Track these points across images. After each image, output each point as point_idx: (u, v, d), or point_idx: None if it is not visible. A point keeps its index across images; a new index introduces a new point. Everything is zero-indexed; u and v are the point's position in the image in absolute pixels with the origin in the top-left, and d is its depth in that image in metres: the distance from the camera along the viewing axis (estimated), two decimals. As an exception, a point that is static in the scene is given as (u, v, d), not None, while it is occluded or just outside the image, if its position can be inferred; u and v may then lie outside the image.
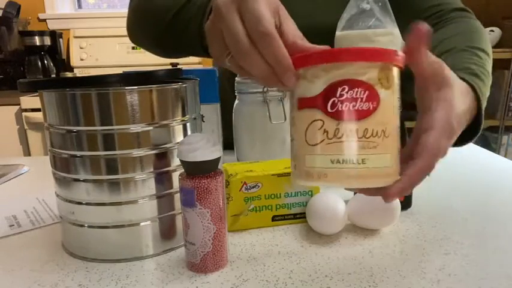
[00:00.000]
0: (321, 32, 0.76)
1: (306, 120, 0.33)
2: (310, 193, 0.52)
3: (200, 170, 0.40)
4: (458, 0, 0.75)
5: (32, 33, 2.13)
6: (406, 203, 0.55)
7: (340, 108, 0.32)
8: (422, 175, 0.36)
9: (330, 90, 0.32)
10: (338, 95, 0.32)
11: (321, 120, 0.33)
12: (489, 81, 0.53)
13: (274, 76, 0.35)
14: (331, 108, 0.32)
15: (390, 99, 0.33)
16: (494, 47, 2.12)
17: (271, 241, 0.48)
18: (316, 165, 0.33)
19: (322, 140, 0.33)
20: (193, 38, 0.59)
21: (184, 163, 0.40)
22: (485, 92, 0.50)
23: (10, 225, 0.55)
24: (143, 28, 0.70)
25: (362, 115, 0.32)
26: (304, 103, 0.34)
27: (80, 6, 2.44)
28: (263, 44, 0.34)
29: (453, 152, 0.86)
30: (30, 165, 0.83)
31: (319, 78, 0.33)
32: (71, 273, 0.43)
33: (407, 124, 0.53)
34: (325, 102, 0.32)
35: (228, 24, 0.35)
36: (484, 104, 0.47)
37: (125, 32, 0.72)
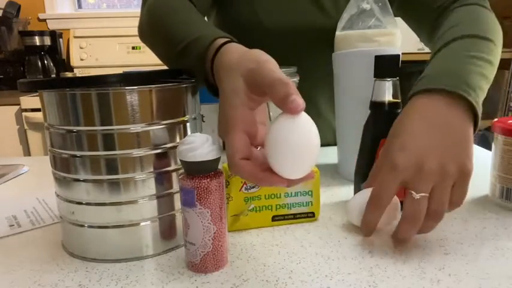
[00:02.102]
0: (321, 32, 0.76)
1: None
2: (310, 193, 0.52)
3: (200, 170, 0.40)
4: None
5: (32, 33, 2.14)
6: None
7: None
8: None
9: None
10: None
11: None
12: (486, 70, 0.56)
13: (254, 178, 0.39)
14: None
15: None
16: (494, 47, 2.11)
17: (271, 241, 0.48)
18: None
19: None
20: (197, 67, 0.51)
21: (184, 163, 0.40)
22: (481, 86, 0.52)
23: (10, 225, 0.55)
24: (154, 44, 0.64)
25: None
26: None
27: (80, 6, 2.44)
28: (234, 171, 0.39)
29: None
30: (30, 165, 0.83)
31: None
32: (71, 273, 0.43)
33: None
34: None
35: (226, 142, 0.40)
36: (479, 102, 0.49)
37: (124, 32, 0.72)
